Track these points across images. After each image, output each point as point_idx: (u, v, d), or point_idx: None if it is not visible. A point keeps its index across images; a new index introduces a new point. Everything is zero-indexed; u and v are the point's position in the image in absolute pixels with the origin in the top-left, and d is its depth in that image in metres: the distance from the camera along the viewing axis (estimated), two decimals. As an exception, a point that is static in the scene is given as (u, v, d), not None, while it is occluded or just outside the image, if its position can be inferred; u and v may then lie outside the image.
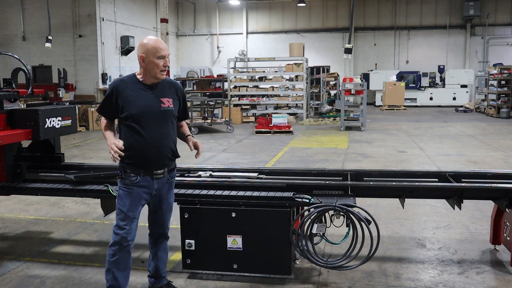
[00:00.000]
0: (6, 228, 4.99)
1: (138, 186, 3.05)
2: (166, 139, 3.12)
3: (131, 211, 3.06)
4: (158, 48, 2.97)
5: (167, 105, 3.09)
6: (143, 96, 3.03)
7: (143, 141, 3.01)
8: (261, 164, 8.44)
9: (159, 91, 3.10)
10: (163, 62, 2.99)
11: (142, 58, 2.98)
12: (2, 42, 19.80)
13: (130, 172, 3.04)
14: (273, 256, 3.54)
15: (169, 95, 3.14)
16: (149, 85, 3.07)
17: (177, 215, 3.77)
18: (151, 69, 2.99)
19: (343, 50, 13.59)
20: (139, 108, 2.99)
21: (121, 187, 3.08)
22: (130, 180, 3.04)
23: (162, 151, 3.11)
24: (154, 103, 3.05)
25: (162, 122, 3.08)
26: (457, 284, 3.55)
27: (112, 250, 3.06)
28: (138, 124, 3.00)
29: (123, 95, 3.00)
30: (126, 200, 3.05)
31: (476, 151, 9.70)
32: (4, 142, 3.74)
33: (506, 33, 24.12)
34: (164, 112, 3.08)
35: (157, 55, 2.96)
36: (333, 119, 15.97)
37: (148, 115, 3.01)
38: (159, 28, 20.68)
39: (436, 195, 3.91)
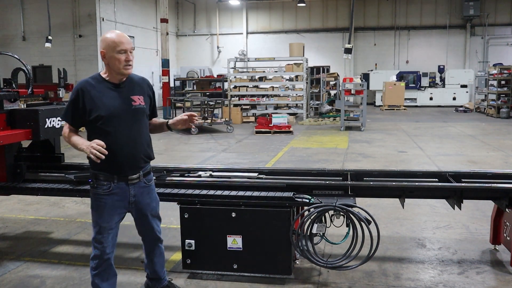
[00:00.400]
0: (6, 228, 4.99)
1: (112, 195, 2.85)
2: (139, 140, 2.92)
3: (107, 222, 2.87)
4: (118, 42, 2.77)
5: (138, 103, 2.90)
6: (111, 95, 2.82)
7: (116, 144, 2.79)
8: (261, 164, 8.44)
9: (128, 89, 2.90)
10: (125, 56, 2.80)
11: (103, 54, 2.79)
12: (2, 42, 19.82)
13: (103, 180, 2.84)
14: (273, 256, 3.54)
15: (139, 92, 2.95)
16: (116, 83, 2.87)
17: (177, 215, 3.77)
18: (113, 65, 2.79)
19: (343, 50, 13.58)
20: (109, 109, 2.79)
21: (94, 197, 2.88)
22: (103, 189, 2.84)
23: (136, 154, 2.90)
24: (124, 102, 2.85)
25: (134, 122, 2.88)
26: (457, 284, 3.55)
27: (94, 264, 2.93)
28: (109, 126, 2.79)
29: (90, 97, 2.78)
30: (101, 211, 2.86)
31: (476, 151, 9.70)
32: (4, 142, 3.74)
33: (506, 33, 24.13)
34: (135, 111, 2.88)
35: (117, 49, 2.77)
36: (333, 119, 15.97)
37: (119, 116, 2.81)
38: (159, 28, 20.68)
39: (436, 195, 3.91)
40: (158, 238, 3.21)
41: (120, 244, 4.44)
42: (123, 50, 2.80)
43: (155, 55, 23.80)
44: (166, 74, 16.61)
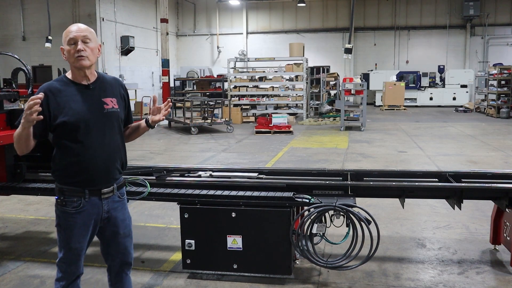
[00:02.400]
0: (6, 228, 4.99)
1: (83, 212, 2.46)
2: (113, 148, 2.54)
3: (78, 243, 2.50)
4: (67, 32, 2.42)
5: (111, 106, 2.52)
6: (79, 99, 2.43)
7: (86, 153, 2.43)
8: (261, 164, 8.43)
9: (99, 90, 2.51)
10: (73, 48, 2.39)
11: (62, 50, 2.46)
12: (2, 42, 19.81)
13: (73, 196, 2.44)
14: (273, 256, 3.54)
15: (112, 95, 2.56)
16: (85, 84, 2.48)
17: (177, 215, 3.77)
18: (68, 59, 2.43)
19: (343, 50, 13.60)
20: (77, 114, 2.40)
21: (60, 216, 2.48)
22: (73, 206, 2.44)
23: (111, 164, 2.53)
24: (95, 105, 2.47)
25: (107, 128, 2.49)
26: (457, 284, 3.55)
27: (60, 286, 2.54)
28: (77, 133, 2.40)
29: (55, 101, 2.39)
30: (70, 231, 2.47)
31: (476, 151, 9.70)
32: (4, 142, 3.74)
33: (506, 33, 24.13)
34: (108, 115, 2.50)
35: (66, 41, 2.41)
36: (333, 119, 15.97)
37: (89, 121, 2.43)
38: (159, 28, 20.67)
39: (436, 195, 3.91)
40: (129, 264, 2.79)
41: (120, 244, 4.45)
42: (72, 40, 2.40)
43: (155, 55, 23.80)
44: (166, 74, 16.61)
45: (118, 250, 2.71)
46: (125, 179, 3.88)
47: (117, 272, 2.76)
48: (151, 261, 4.03)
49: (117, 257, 2.71)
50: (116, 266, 2.74)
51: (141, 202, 5.43)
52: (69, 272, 2.53)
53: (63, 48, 2.45)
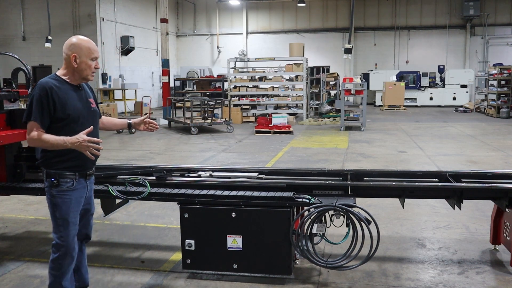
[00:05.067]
0: (6, 228, 4.99)
1: (75, 190, 2.91)
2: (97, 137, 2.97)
3: (74, 218, 2.92)
4: (93, 50, 2.90)
5: (94, 105, 3.07)
6: (75, 97, 2.90)
7: None
8: (261, 164, 8.43)
9: (85, 91, 3.02)
10: (95, 63, 2.92)
11: (75, 57, 2.85)
12: (2, 42, 19.82)
13: (66, 178, 2.87)
14: (273, 256, 3.54)
15: (92, 96, 3.10)
16: (76, 85, 2.95)
17: (177, 215, 3.77)
18: (83, 70, 2.88)
19: (343, 50, 13.59)
20: (76, 109, 2.88)
21: (57, 195, 2.86)
22: (68, 186, 2.87)
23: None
24: (86, 103, 2.98)
25: (93, 122, 3.02)
26: (457, 284, 3.55)
27: (58, 264, 2.91)
28: (75, 126, 2.85)
29: (58, 96, 2.80)
30: (67, 207, 2.87)
31: (476, 151, 9.70)
32: (4, 142, 3.74)
33: (506, 33, 24.15)
34: (93, 112, 3.04)
35: (91, 56, 2.89)
36: (333, 119, 15.97)
37: (83, 116, 2.92)
38: (159, 28, 20.69)
39: (436, 195, 3.90)
40: (89, 237, 3.27)
41: (120, 244, 4.45)
42: (95, 58, 2.93)
43: (155, 55, 23.81)
44: (166, 74, 16.61)
45: (85, 225, 3.18)
46: (125, 179, 3.90)
47: (80, 245, 3.20)
48: (151, 261, 4.03)
49: (83, 231, 3.17)
50: (80, 238, 3.18)
51: (141, 202, 5.44)
52: (68, 248, 2.90)
53: (76, 56, 2.85)
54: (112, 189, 3.77)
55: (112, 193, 3.74)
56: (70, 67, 2.89)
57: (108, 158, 8.99)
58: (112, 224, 5.06)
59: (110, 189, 3.77)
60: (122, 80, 19.61)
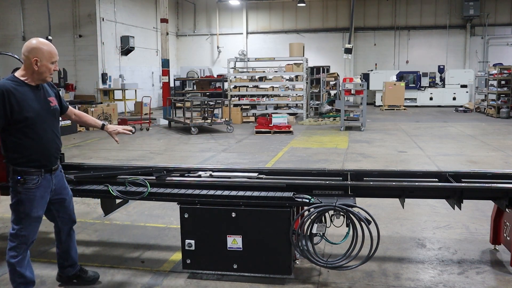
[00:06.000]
0: (6, 228, 4.99)
1: (40, 187, 3.09)
2: (58, 136, 3.25)
3: (37, 212, 3.11)
4: (53, 53, 3.07)
5: (54, 104, 3.21)
6: (34, 98, 3.05)
7: (41, 141, 3.07)
8: (261, 164, 8.43)
9: (44, 91, 3.16)
10: (54, 66, 3.10)
11: (36, 61, 2.99)
12: (2, 42, 19.81)
13: (32, 175, 3.05)
14: (273, 256, 3.54)
15: (51, 94, 3.24)
16: (35, 86, 3.09)
17: (177, 215, 3.77)
18: (43, 72, 3.03)
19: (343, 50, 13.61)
20: (35, 110, 3.01)
21: (22, 192, 3.03)
22: (33, 183, 3.05)
23: (57, 147, 3.24)
24: (45, 103, 3.12)
25: (54, 120, 3.20)
26: (457, 284, 3.55)
27: (16, 252, 3.09)
28: (35, 126, 3.02)
29: (15, 99, 2.93)
30: (31, 203, 3.05)
31: (476, 151, 9.70)
32: (4, 142, 3.73)
33: (506, 33, 24.14)
34: (54, 111, 3.20)
35: (51, 60, 3.06)
36: (333, 119, 15.97)
37: (43, 116, 3.07)
38: (159, 28, 20.69)
39: (436, 195, 3.90)
40: (74, 221, 3.50)
41: (120, 244, 4.45)
42: (55, 61, 3.11)
43: (155, 55, 23.81)
44: (166, 74, 16.61)
45: (67, 212, 3.42)
46: (125, 179, 3.91)
47: (67, 229, 3.45)
48: (151, 261, 4.03)
49: (64, 218, 3.41)
50: (68, 226, 3.45)
51: (141, 202, 5.44)
52: (27, 239, 3.10)
53: (37, 60, 2.98)
54: (112, 189, 3.77)
55: (112, 193, 3.74)
56: (30, 69, 3.02)
57: (108, 158, 8.99)
58: (112, 224, 5.06)
59: (110, 189, 3.77)
60: (122, 80, 19.60)
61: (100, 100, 18.21)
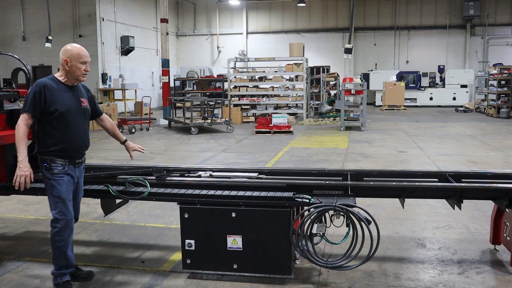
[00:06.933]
0: (6, 228, 4.99)
1: (66, 174, 3.36)
2: (86, 132, 3.54)
3: (68, 195, 3.36)
4: (82, 55, 3.37)
5: (85, 104, 3.53)
6: (67, 95, 3.38)
7: (70, 134, 3.37)
8: (261, 164, 8.43)
9: (78, 92, 3.49)
10: (84, 67, 3.39)
11: (66, 61, 3.33)
12: (2, 42, 19.82)
13: (57, 163, 3.33)
14: (273, 256, 3.54)
15: (85, 96, 3.56)
16: (70, 86, 3.43)
17: (177, 215, 3.77)
18: (74, 71, 3.36)
19: (343, 50, 13.58)
20: (66, 106, 3.34)
21: (51, 178, 3.33)
22: (59, 169, 3.33)
23: (83, 142, 3.50)
24: (76, 102, 3.44)
25: (83, 118, 3.50)
26: (457, 284, 3.55)
27: (60, 236, 3.31)
28: (65, 120, 3.34)
29: (50, 93, 3.29)
30: (61, 187, 3.32)
31: (476, 151, 9.70)
32: (4, 142, 3.74)
33: (506, 33, 24.14)
34: (84, 110, 3.51)
35: (80, 61, 3.35)
36: (333, 119, 15.97)
37: (74, 112, 3.40)
38: (159, 28, 20.68)
39: (436, 195, 3.90)
40: (77, 219, 3.67)
41: (120, 244, 4.45)
42: (84, 62, 3.39)
43: (155, 55, 23.81)
44: (166, 74, 16.61)
45: (75, 208, 3.56)
46: (125, 179, 3.91)
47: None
48: (151, 261, 4.03)
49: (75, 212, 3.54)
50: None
51: (141, 202, 5.44)
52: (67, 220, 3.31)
53: (67, 61, 3.32)
54: (112, 189, 3.77)
55: (112, 193, 3.75)
56: (64, 69, 3.38)
57: (108, 158, 8.99)
58: (112, 224, 5.06)
59: (110, 189, 3.77)
60: (122, 80, 19.60)
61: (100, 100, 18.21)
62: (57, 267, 3.38)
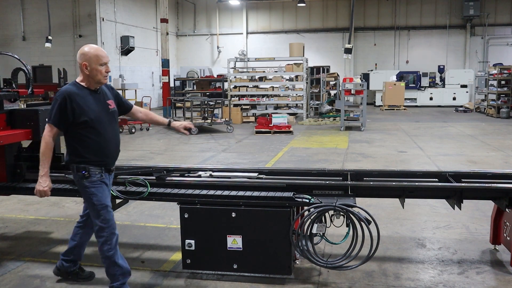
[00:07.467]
0: (6, 228, 4.99)
1: (103, 180, 3.26)
2: (117, 137, 3.38)
3: (109, 202, 3.28)
4: (101, 56, 3.18)
5: (113, 106, 3.35)
6: (93, 101, 3.21)
7: (102, 141, 3.22)
8: (261, 164, 8.43)
9: (103, 95, 3.31)
10: (105, 68, 3.20)
11: (85, 66, 3.14)
12: (2, 42, 19.81)
13: (94, 171, 3.21)
14: (273, 256, 3.54)
15: (111, 98, 3.39)
16: (94, 90, 3.25)
17: (177, 215, 3.77)
18: (94, 75, 3.17)
19: (343, 50, 13.58)
20: (95, 112, 3.18)
21: (90, 186, 3.20)
22: (97, 177, 3.22)
23: (116, 149, 3.37)
24: (104, 106, 3.28)
25: (112, 123, 3.33)
26: (457, 284, 3.55)
27: (109, 245, 3.22)
28: (95, 127, 3.18)
29: (76, 102, 3.12)
30: (101, 194, 3.22)
31: (476, 151, 9.70)
32: (4, 142, 3.74)
33: (506, 33, 24.14)
34: (112, 113, 3.34)
35: (99, 63, 3.17)
36: (333, 119, 15.97)
37: (102, 117, 3.23)
38: (159, 28, 20.68)
39: (436, 195, 3.90)
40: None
41: (120, 244, 4.44)
42: (104, 63, 3.20)
43: (155, 55, 23.80)
44: (166, 74, 16.61)
45: None
46: (125, 179, 3.91)
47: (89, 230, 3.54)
48: (151, 261, 4.03)
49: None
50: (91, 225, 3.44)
51: (141, 202, 5.44)
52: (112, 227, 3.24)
53: (86, 64, 3.12)
54: (112, 189, 3.76)
55: (112, 193, 3.74)
56: (84, 74, 3.19)
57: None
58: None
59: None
60: (122, 80, 19.55)
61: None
62: (113, 279, 3.28)
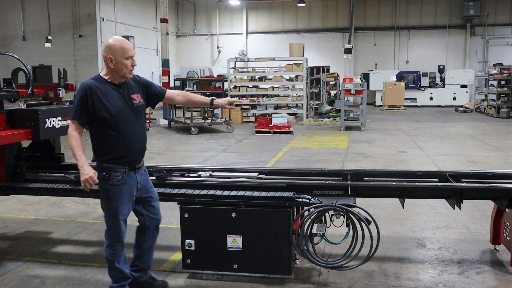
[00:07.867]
0: (6, 228, 4.99)
1: (125, 184, 3.11)
2: (142, 133, 3.24)
3: (124, 209, 3.14)
4: (126, 49, 3.03)
5: (138, 101, 3.19)
6: (116, 95, 3.08)
7: (125, 138, 3.08)
8: (261, 164, 8.43)
9: (127, 89, 3.16)
10: (130, 62, 3.06)
11: (110, 59, 3.01)
12: (2, 42, 19.82)
13: (116, 171, 3.07)
14: (273, 256, 3.54)
15: (137, 91, 3.22)
16: (118, 84, 3.11)
17: (177, 215, 3.77)
18: (120, 69, 3.04)
19: (343, 50, 13.59)
20: (117, 107, 3.05)
21: (108, 189, 3.09)
22: (118, 179, 3.08)
23: (141, 145, 3.22)
24: (128, 100, 3.13)
25: (137, 118, 3.17)
26: (457, 284, 3.55)
27: (112, 250, 3.18)
28: (118, 123, 3.05)
29: (97, 96, 3.01)
30: (117, 200, 3.10)
31: (476, 151, 9.70)
32: (4, 142, 3.74)
33: (506, 33, 24.14)
34: (137, 108, 3.18)
35: (125, 56, 3.02)
36: (333, 119, 15.97)
37: (125, 113, 3.09)
38: (159, 28, 20.67)
39: (436, 195, 3.90)
40: (160, 219, 3.46)
41: (120, 244, 4.45)
42: (130, 56, 3.05)
43: (155, 55, 23.81)
44: (166, 74, 16.60)
45: (153, 211, 3.38)
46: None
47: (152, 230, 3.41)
48: (151, 261, 4.03)
49: (151, 217, 3.38)
50: (151, 225, 3.39)
51: (141, 202, 5.42)
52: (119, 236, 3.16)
53: (112, 58, 2.99)
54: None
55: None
56: (109, 68, 3.06)
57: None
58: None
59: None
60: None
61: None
62: (113, 279, 3.27)
